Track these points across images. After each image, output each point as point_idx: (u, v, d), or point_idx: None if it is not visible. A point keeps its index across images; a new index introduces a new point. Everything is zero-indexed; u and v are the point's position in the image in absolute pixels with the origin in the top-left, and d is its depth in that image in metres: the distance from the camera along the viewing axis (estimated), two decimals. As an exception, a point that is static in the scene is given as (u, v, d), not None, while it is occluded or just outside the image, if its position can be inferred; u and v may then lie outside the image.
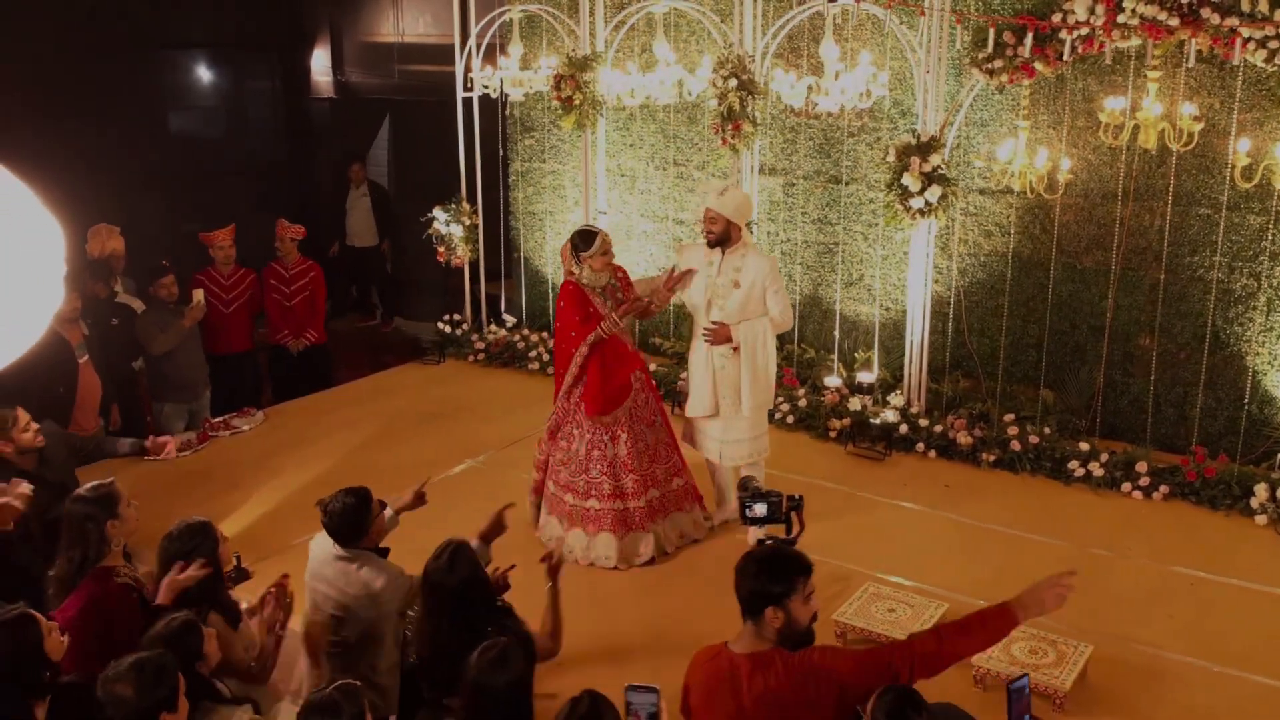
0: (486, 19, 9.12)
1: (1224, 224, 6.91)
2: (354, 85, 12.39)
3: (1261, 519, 6.43)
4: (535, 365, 9.03)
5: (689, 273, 6.16)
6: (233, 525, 6.34)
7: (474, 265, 9.65)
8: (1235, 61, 6.21)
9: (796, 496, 3.92)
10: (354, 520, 4.35)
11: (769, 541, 4.01)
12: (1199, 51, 6.42)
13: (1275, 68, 6.17)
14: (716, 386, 6.16)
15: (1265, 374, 6.97)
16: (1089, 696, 4.87)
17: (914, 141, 7.18)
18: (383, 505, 4.59)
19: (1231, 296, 7.00)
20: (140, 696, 3.22)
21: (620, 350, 6.11)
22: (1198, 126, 6.36)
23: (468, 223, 9.35)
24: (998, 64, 6.90)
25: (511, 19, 8.80)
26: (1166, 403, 7.28)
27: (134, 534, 4.50)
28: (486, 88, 8.75)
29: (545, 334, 9.34)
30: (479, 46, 9.11)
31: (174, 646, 3.45)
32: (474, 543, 4.59)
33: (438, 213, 9.33)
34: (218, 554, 4.17)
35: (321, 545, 4.48)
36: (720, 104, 7.72)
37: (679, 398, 8.14)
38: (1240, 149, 6.21)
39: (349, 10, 12.43)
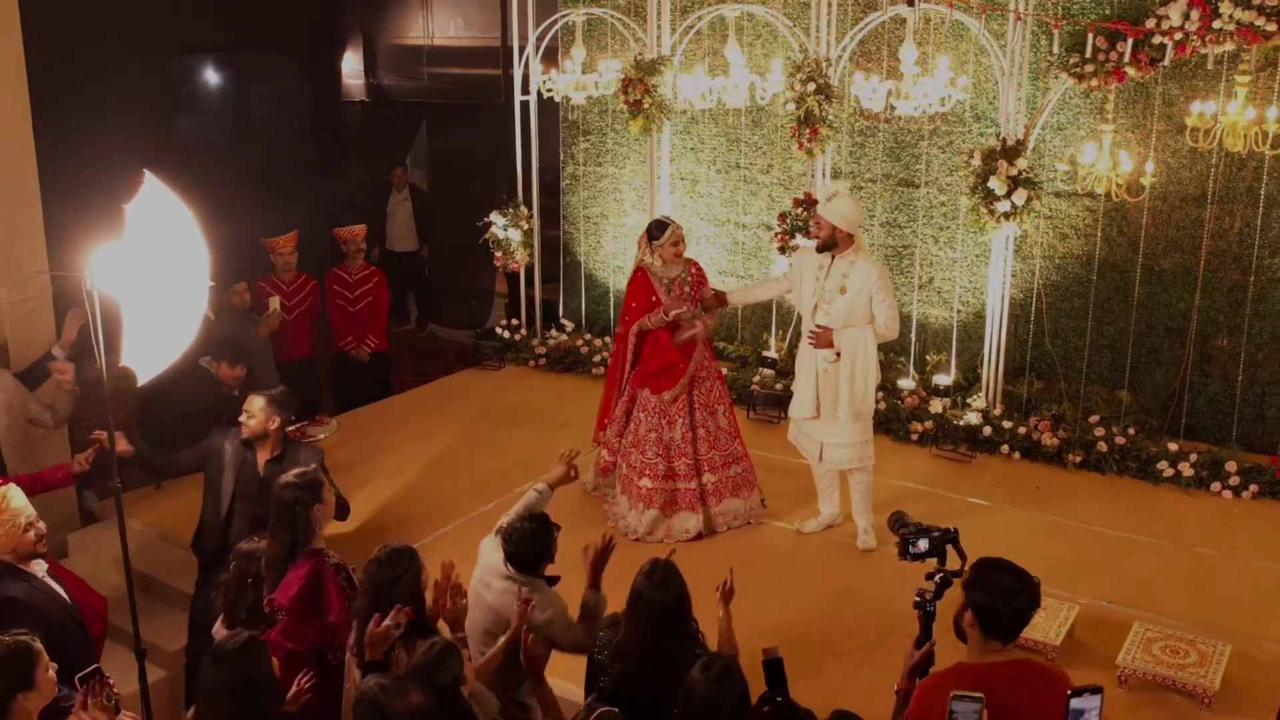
0: (547, 22, 9.09)
1: (1306, 226, 7.02)
2: (387, 88, 12.30)
3: (1355, 517, 6.55)
4: (600, 370, 9.00)
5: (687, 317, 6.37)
6: (329, 538, 6.28)
7: (528, 270, 9.61)
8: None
9: (952, 529, 3.86)
10: (534, 546, 4.32)
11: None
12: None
13: (1374, 73, 6.27)
14: (819, 389, 6.18)
15: (1346, 373, 7.09)
16: (1233, 695, 4.92)
17: (999, 145, 7.23)
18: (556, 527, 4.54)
19: (1313, 297, 7.11)
20: None
21: (684, 348, 6.39)
22: (1287, 130, 6.47)
23: (526, 227, 9.30)
24: (1088, 68, 6.96)
25: (573, 22, 8.78)
26: (1245, 403, 7.38)
27: (331, 517, 4.65)
28: (551, 91, 8.71)
29: (608, 338, 9.32)
30: (537, 50, 9.09)
31: (437, 672, 3.42)
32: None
33: (495, 217, 9.27)
34: (420, 581, 4.11)
35: (493, 555, 4.45)
36: (798, 108, 7.74)
37: (755, 400, 8.20)
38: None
39: (379, 12, 12.34)
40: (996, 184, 7.15)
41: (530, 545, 4.33)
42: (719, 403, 6.56)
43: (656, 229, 6.43)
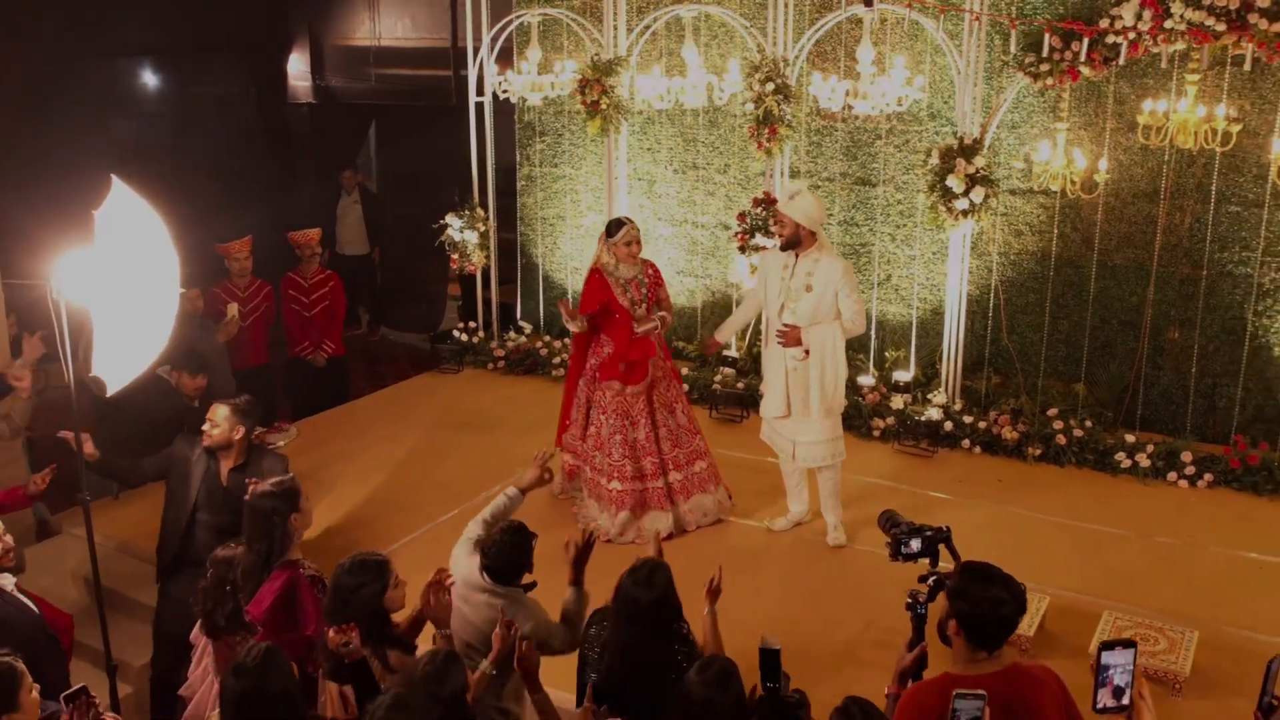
0: (502, 22, 9.04)
1: (1253, 221, 7.19)
2: (334, 90, 12.16)
3: (1307, 503, 6.73)
4: (560, 372, 8.97)
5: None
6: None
7: (485, 272, 9.55)
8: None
9: (945, 529, 3.83)
10: (513, 559, 4.28)
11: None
12: (1240, 55, 6.67)
13: (1320, 71, 6.45)
14: (789, 388, 6.21)
15: (1294, 364, 7.28)
16: (1202, 680, 5.03)
17: (956, 144, 7.32)
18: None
19: (1260, 290, 7.28)
20: None
21: (643, 348, 6.44)
22: (1236, 127, 6.64)
23: (482, 229, 9.24)
24: (1044, 68, 7.08)
25: (528, 22, 8.75)
26: (1197, 394, 7.54)
27: (309, 526, 4.60)
28: (507, 92, 8.65)
29: (566, 340, 9.29)
30: (491, 50, 9.03)
31: (443, 682, 3.38)
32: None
33: (451, 219, 9.20)
34: (383, 596, 4.06)
35: (468, 566, 4.39)
36: (757, 108, 7.78)
37: (717, 399, 8.22)
38: (1277, 149, 6.51)
39: (326, 13, 12.20)
40: (954, 182, 7.24)
41: (509, 559, 4.29)
42: (676, 401, 6.64)
43: (614, 226, 6.46)
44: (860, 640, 5.46)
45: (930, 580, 3.73)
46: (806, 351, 6.04)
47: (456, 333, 9.52)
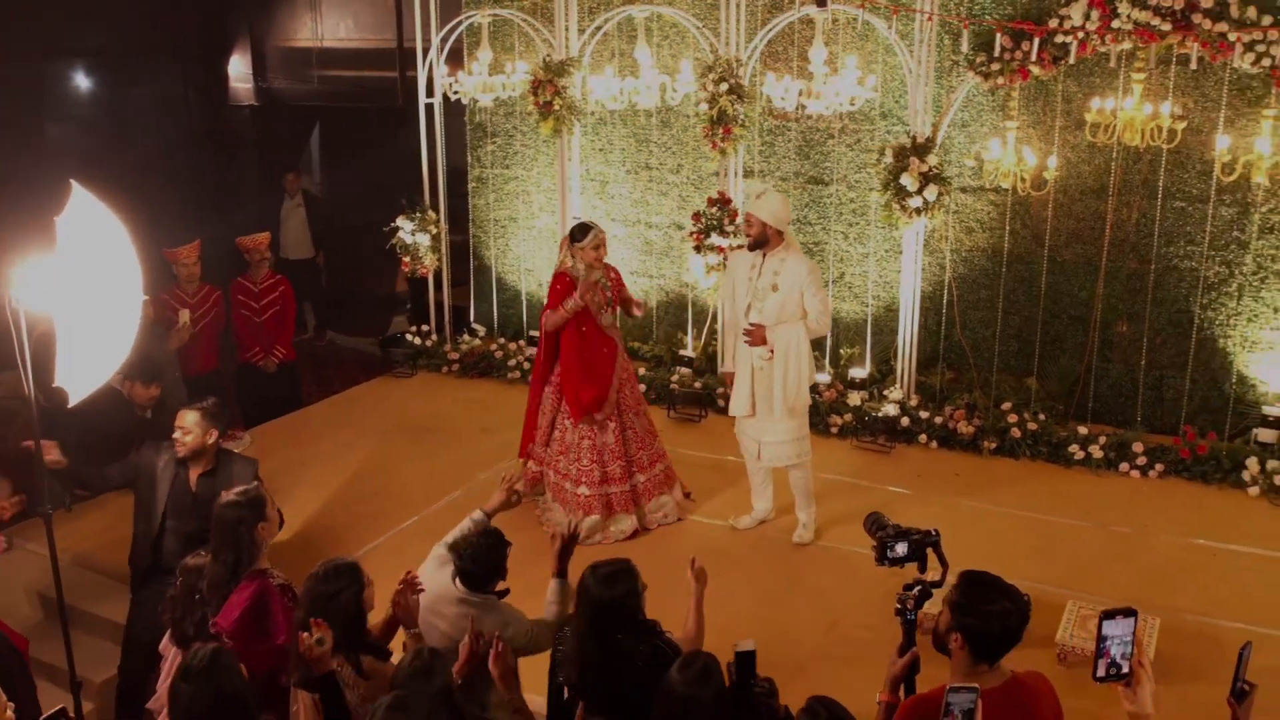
0: (452, 23, 8.97)
1: (1198, 216, 7.36)
2: (277, 91, 11.99)
3: (1254, 490, 6.90)
4: (516, 374, 8.93)
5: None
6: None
7: (437, 275, 9.47)
8: (1236, 65, 6.63)
9: (933, 532, 3.74)
10: (488, 563, 4.25)
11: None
12: (1185, 55, 6.83)
13: (1262, 70, 6.61)
14: (754, 387, 6.24)
15: (1237, 355, 7.46)
16: (1165, 666, 5.12)
17: (909, 142, 7.40)
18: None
19: (1206, 283, 7.45)
20: None
21: (596, 354, 6.43)
22: (1181, 125, 6.79)
23: (434, 231, 9.17)
24: (995, 67, 7.19)
25: (478, 23, 8.69)
26: (1146, 386, 7.70)
27: (276, 535, 4.50)
28: (459, 93, 8.59)
29: (522, 342, 9.26)
30: (441, 51, 8.96)
31: (430, 679, 3.36)
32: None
33: (402, 222, 9.12)
34: (361, 599, 4.02)
35: (439, 580, 4.35)
36: (711, 108, 7.81)
37: (674, 399, 8.24)
38: (1221, 145, 6.67)
39: (266, 14, 12.03)
40: (909, 180, 7.33)
41: (486, 561, 4.25)
42: (640, 402, 6.70)
43: (579, 232, 6.41)
44: (828, 638, 5.50)
45: (916, 590, 3.65)
46: (772, 351, 6.07)
47: (409, 336, 9.43)
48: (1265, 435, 7.23)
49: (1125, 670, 2.82)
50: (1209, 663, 5.15)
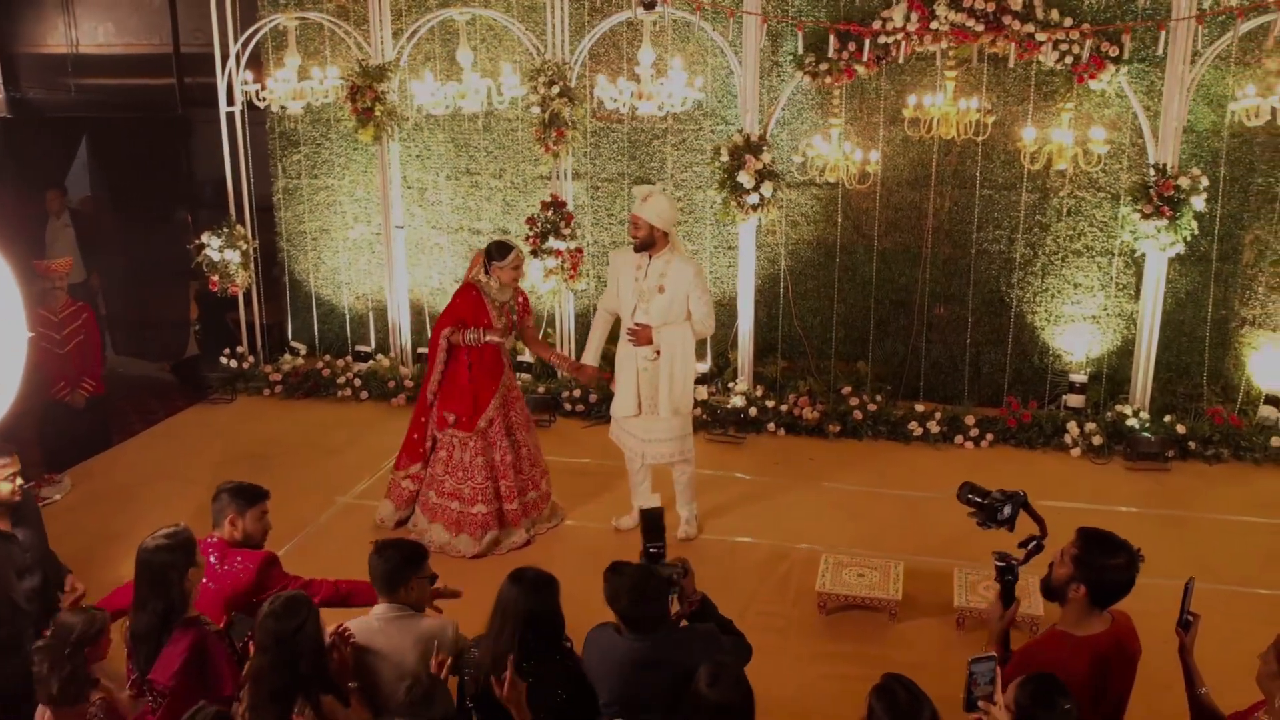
0: (253, 27, 8.50)
1: (1004, 202, 7.96)
2: (32, 102, 10.97)
3: (1075, 452, 7.53)
4: (347, 392, 8.58)
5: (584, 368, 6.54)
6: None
7: (247, 293, 8.95)
8: (1041, 61, 7.19)
9: (1021, 494, 3.96)
10: (395, 571, 4.10)
11: None
12: (994, 53, 7.36)
13: (1064, 67, 7.21)
14: (640, 387, 6.27)
15: (1044, 329, 8.12)
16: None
17: (744, 141, 7.62)
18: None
19: (1015, 264, 8.06)
20: None
21: (483, 377, 6.33)
22: (992, 119, 7.33)
23: (244, 247, 8.66)
24: (823, 67, 7.50)
25: (283, 27, 8.28)
26: (964, 362, 8.26)
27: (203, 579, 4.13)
28: (265, 101, 8.15)
29: (350, 359, 8.90)
30: (241, 56, 8.50)
31: (430, 709, 3.20)
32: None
33: (209, 239, 8.56)
34: (321, 628, 3.79)
35: (366, 625, 4.14)
36: (544, 111, 7.76)
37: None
38: (1026, 137, 7.25)
39: (10, 19, 10.98)
40: (745, 178, 7.54)
41: (389, 569, 4.08)
42: (530, 420, 6.66)
43: (498, 251, 6.26)
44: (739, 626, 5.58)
45: (1030, 545, 3.87)
46: (657, 351, 6.11)
47: (224, 359, 8.87)
48: (1073, 400, 7.91)
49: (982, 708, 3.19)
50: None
